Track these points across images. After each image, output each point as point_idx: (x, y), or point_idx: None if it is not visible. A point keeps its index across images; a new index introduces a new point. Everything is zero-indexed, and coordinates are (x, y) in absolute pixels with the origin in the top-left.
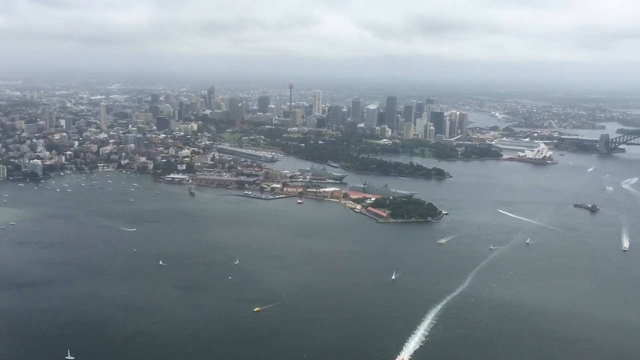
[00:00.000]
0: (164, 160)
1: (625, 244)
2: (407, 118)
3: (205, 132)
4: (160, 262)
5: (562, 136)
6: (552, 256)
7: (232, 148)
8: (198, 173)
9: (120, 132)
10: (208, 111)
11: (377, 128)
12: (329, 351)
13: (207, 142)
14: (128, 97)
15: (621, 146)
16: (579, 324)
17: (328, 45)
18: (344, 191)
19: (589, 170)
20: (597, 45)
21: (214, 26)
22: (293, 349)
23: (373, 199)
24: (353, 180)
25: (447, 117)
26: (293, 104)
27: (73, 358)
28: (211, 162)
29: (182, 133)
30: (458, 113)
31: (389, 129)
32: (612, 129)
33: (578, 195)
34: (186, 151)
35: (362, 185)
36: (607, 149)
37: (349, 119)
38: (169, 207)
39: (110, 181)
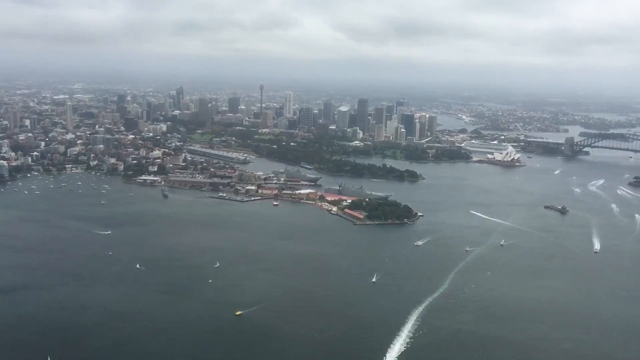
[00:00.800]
0: (135, 161)
1: (597, 245)
2: (378, 120)
3: (174, 133)
4: (138, 266)
5: (528, 139)
6: (527, 257)
7: (203, 149)
8: (170, 175)
9: (88, 132)
10: (177, 112)
11: (348, 130)
12: (313, 355)
13: (177, 144)
14: (93, 97)
15: (585, 149)
16: (562, 323)
17: (302, 47)
18: (319, 193)
19: (555, 172)
20: (565, 50)
21: (190, 27)
22: (276, 353)
23: (349, 201)
24: (328, 182)
25: (417, 120)
26: (263, 105)
27: None
28: (183, 164)
29: (151, 134)
30: (427, 115)
31: (361, 131)
32: (575, 132)
33: (547, 197)
34: (157, 152)
35: (338, 187)
36: (572, 151)
37: (320, 121)
38: (144, 209)
39: (79, 183)
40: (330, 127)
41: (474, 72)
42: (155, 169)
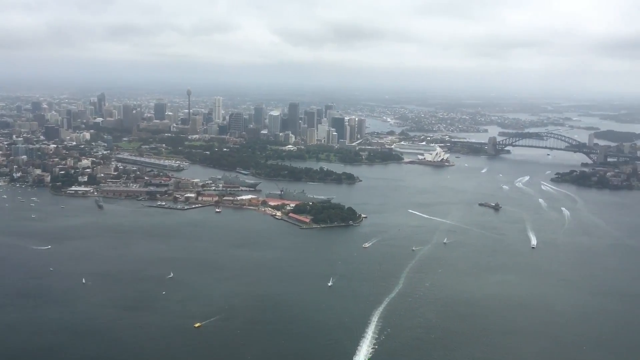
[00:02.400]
0: (63, 172)
1: (533, 241)
2: (310, 124)
3: (100, 142)
4: (84, 281)
5: (453, 139)
6: (472, 254)
7: (133, 157)
8: (102, 184)
9: (5, 142)
10: (99, 119)
11: (280, 134)
12: None
13: (104, 152)
14: (4, 105)
15: (507, 148)
16: (519, 316)
17: (236, 51)
18: (261, 198)
19: (483, 171)
20: (492, 53)
21: (126, 31)
22: None
23: (292, 205)
24: (268, 187)
25: (347, 123)
26: (191, 110)
27: None
28: (115, 173)
29: (74, 143)
30: (357, 118)
31: (293, 135)
32: (493, 132)
33: (480, 195)
34: (86, 162)
35: (279, 192)
36: (494, 150)
37: (251, 126)
38: (81, 221)
39: (5, 196)
40: (262, 132)
41: (398, 75)
42: (86, 179)
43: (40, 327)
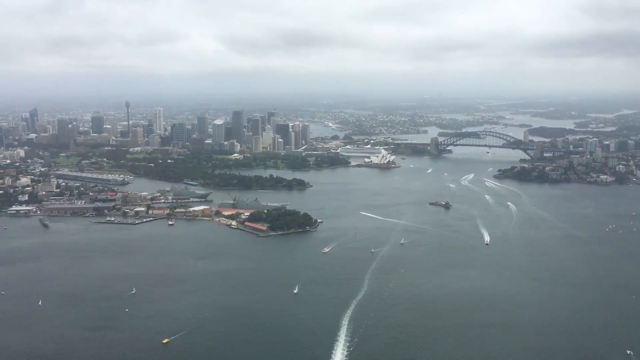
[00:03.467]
0: (1, 191)
1: (486, 237)
2: (254, 132)
3: (35, 158)
4: (40, 302)
5: (396, 141)
6: (430, 252)
7: (74, 173)
8: (45, 203)
9: None
10: (33, 135)
11: (225, 143)
12: None
13: (42, 169)
14: None
15: (448, 147)
16: (487, 308)
17: (180, 60)
18: (214, 209)
19: (428, 171)
20: (432, 56)
21: (68, 43)
22: None
23: (247, 213)
24: (219, 197)
25: (292, 129)
26: (131, 123)
27: None
28: (57, 190)
29: (9, 160)
30: (301, 124)
31: (238, 144)
32: (433, 133)
33: (429, 194)
34: (26, 180)
35: (232, 201)
36: (437, 150)
37: (195, 136)
38: (28, 242)
39: None
40: (206, 142)
41: (337, 80)
42: (26, 198)
43: (5, 355)
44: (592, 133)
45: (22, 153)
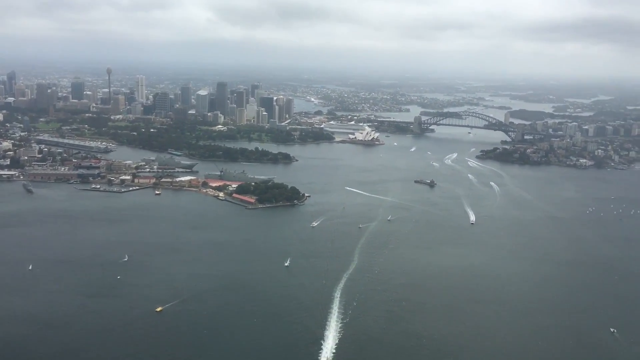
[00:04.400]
0: None
1: (472, 217)
2: (239, 104)
3: (15, 123)
4: (30, 267)
5: (378, 119)
6: (417, 229)
7: (55, 139)
8: (28, 168)
9: None
10: (11, 99)
11: (209, 114)
12: (249, 343)
13: (22, 134)
14: None
15: (431, 127)
16: (477, 284)
17: (170, 28)
18: (201, 179)
19: (412, 149)
20: (422, 35)
21: (56, 6)
22: (206, 348)
23: (234, 185)
24: (205, 168)
25: (275, 102)
26: (112, 90)
27: None
28: (39, 155)
29: None
30: (285, 98)
31: (222, 115)
32: (415, 111)
33: (414, 172)
34: (7, 144)
35: (219, 173)
36: (420, 129)
37: (178, 106)
38: (15, 208)
39: None
40: (190, 112)
41: (319, 55)
42: (8, 163)
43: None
44: (570, 117)
45: (0, 117)
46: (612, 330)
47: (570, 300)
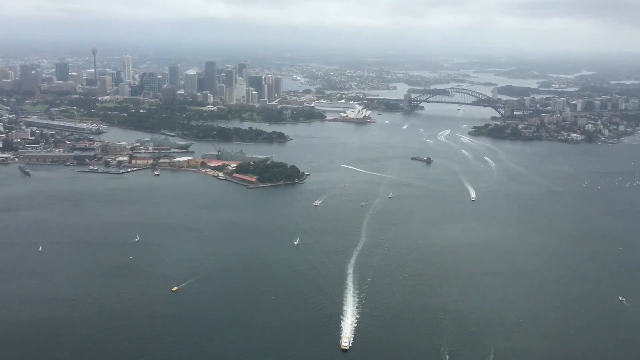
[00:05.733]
0: None
1: (472, 193)
2: (228, 83)
3: (1, 105)
4: (40, 249)
5: (367, 97)
6: (420, 206)
7: (44, 121)
8: (22, 150)
9: None
10: None
11: (198, 94)
12: (268, 323)
13: (10, 116)
14: None
15: (421, 104)
16: (486, 258)
17: (157, 7)
18: (199, 159)
19: (404, 127)
20: (412, 11)
21: None
22: (223, 329)
23: (233, 165)
24: (202, 148)
25: (264, 81)
26: (97, 70)
27: None
28: (32, 138)
29: None
30: (273, 77)
31: (211, 95)
32: (402, 89)
33: (409, 150)
34: None
35: (217, 153)
36: (410, 107)
37: (166, 86)
38: (17, 191)
39: None
40: (178, 92)
41: (302, 33)
42: (1, 145)
43: (28, 300)
44: (556, 93)
45: None
46: (620, 298)
47: (578, 271)
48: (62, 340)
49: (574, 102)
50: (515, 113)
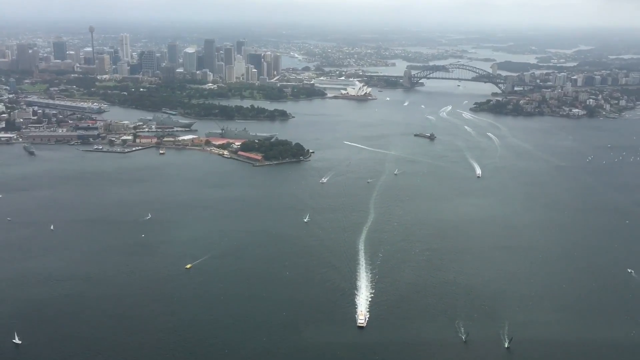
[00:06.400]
0: None
1: (478, 171)
2: (227, 61)
3: (0, 85)
4: (52, 227)
5: (367, 73)
6: (426, 182)
7: (44, 100)
8: (25, 130)
9: None
10: None
11: (197, 72)
12: (283, 294)
13: (10, 96)
14: None
15: (421, 80)
16: (496, 232)
17: None
18: (203, 138)
19: (405, 104)
20: None
21: None
22: (240, 305)
23: (237, 143)
24: (205, 127)
25: (263, 59)
26: (95, 49)
27: (21, 342)
28: (35, 117)
29: None
30: (272, 55)
31: (210, 73)
32: (401, 65)
33: (412, 126)
34: (1, 106)
35: (220, 131)
36: (410, 83)
37: (165, 64)
38: (23, 170)
39: None
40: (178, 70)
41: (292, 10)
42: (4, 125)
43: (48, 277)
44: (555, 68)
45: None
46: (629, 270)
47: (586, 244)
48: (84, 317)
49: (575, 77)
50: (515, 89)
